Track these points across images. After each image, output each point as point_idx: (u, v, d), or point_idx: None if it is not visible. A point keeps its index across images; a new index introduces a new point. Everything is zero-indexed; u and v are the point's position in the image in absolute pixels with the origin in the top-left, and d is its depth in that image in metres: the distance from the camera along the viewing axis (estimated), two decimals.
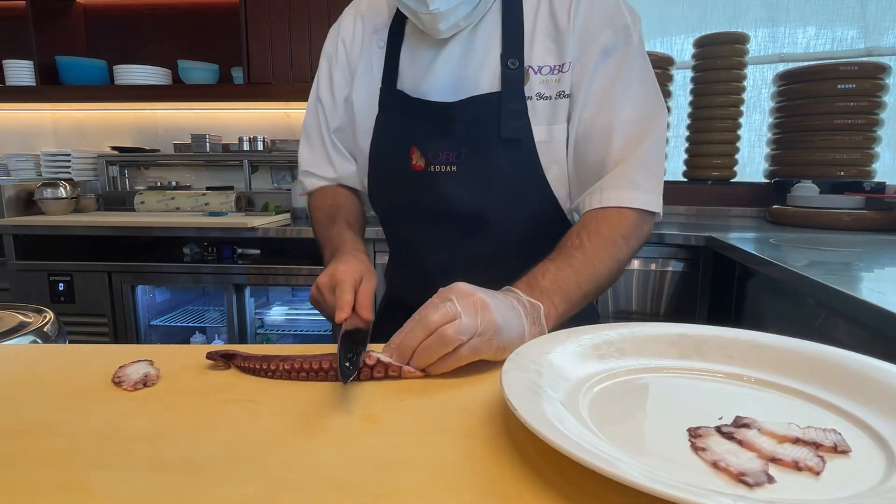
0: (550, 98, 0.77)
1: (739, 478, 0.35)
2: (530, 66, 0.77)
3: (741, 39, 2.20)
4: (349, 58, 0.89)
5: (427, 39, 0.80)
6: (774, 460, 0.37)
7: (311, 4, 2.29)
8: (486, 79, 0.78)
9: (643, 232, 0.76)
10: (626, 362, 0.54)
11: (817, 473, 0.36)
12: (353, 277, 0.67)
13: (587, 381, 0.49)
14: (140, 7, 2.68)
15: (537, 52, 0.77)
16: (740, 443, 0.39)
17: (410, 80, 0.82)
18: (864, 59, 2.08)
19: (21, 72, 2.49)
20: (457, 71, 0.79)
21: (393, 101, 0.84)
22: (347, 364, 0.52)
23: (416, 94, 0.81)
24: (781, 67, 2.21)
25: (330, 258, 0.79)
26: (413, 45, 0.83)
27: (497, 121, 0.77)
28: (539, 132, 0.77)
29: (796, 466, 0.37)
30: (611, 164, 0.75)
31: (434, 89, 0.80)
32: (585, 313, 0.92)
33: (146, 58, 2.55)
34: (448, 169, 0.80)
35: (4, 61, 2.52)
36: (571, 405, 0.44)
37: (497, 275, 0.65)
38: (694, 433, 0.41)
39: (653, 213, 0.77)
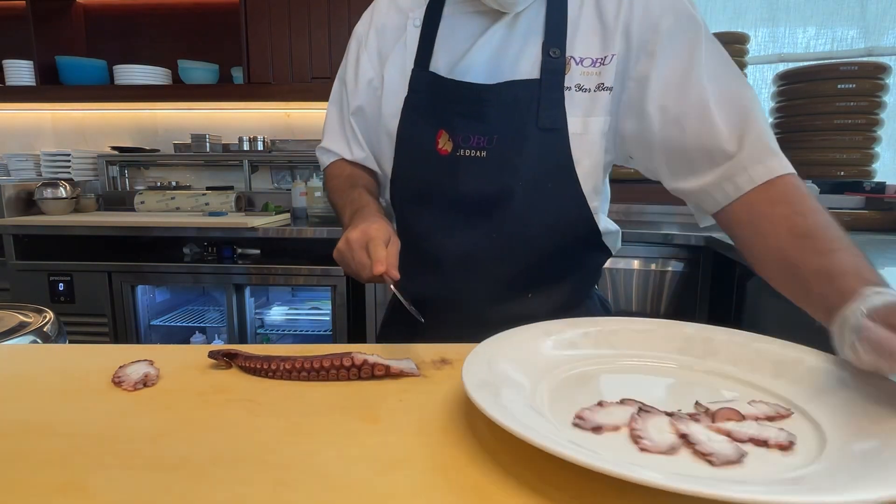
0: (589, 90, 0.76)
1: (707, 458, 0.37)
2: (572, 57, 0.76)
3: (741, 39, 2.20)
4: (380, 43, 0.88)
5: (468, 21, 0.80)
6: (739, 440, 0.39)
7: (311, 4, 2.29)
8: (526, 65, 0.77)
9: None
10: (596, 351, 0.57)
11: (786, 448, 0.38)
12: (385, 236, 0.68)
13: (555, 369, 0.52)
14: (140, 7, 2.68)
15: (580, 43, 0.76)
16: (709, 425, 0.41)
17: (446, 62, 0.81)
18: (864, 59, 2.08)
19: (21, 72, 2.49)
20: (496, 55, 0.79)
21: (424, 82, 0.82)
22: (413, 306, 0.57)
23: (451, 75, 0.80)
24: (781, 67, 2.20)
25: (352, 216, 0.78)
26: (452, 26, 0.82)
27: (534, 108, 0.76)
28: (574, 124, 0.76)
29: (765, 444, 0.39)
30: (730, 142, 0.70)
31: (471, 71, 0.79)
32: (598, 314, 0.92)
33: (146, 58, 2.55)
34: (477, 154, 0.78)
35: (4, 61, 2.52)
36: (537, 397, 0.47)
37: (510, 265, 0.64)
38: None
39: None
